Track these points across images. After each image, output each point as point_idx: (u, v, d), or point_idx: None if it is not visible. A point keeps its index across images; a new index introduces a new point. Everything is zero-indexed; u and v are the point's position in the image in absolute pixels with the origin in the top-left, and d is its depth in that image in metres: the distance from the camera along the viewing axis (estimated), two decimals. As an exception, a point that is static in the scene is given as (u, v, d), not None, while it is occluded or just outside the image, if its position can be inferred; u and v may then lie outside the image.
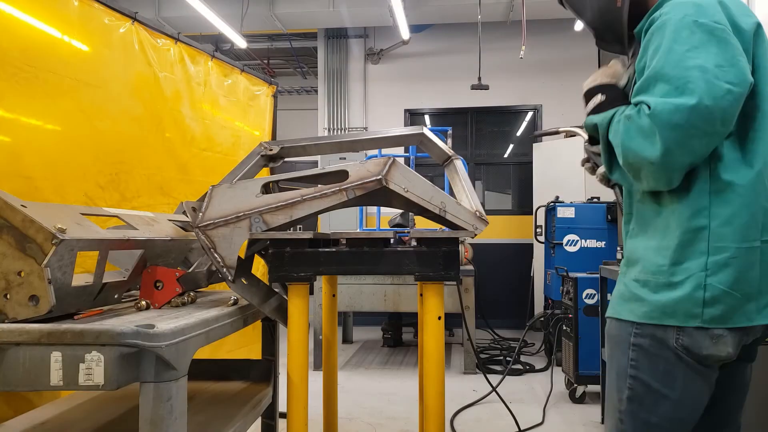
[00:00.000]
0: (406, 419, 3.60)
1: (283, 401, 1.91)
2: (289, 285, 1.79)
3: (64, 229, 1.40)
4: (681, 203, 1.24)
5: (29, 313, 1.39)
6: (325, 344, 2.40)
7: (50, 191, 2.28)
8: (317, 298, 4.79)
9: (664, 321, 1.23)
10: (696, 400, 1.26)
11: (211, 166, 3.33)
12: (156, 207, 2.87)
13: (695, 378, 1.24)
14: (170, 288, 1.78)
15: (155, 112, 2.97)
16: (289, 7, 6.59)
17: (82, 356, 1.26)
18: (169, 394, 1.33)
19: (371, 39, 7.64)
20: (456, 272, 1.74)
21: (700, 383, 1.25)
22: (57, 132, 2.37)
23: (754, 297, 1.20)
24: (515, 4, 6.20)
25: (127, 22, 2.77)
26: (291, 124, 9.13)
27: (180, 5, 6.11)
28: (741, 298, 1.19)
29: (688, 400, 1.25)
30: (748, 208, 1.20)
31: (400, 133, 2.27)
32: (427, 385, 1.75)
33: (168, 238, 1.89)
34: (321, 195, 1.77)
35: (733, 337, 1.21)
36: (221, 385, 2.34)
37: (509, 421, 3.29)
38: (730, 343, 1.21)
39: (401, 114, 7.55)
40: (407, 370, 4.97)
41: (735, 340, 1.22)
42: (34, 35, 2.28)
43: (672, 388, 1.25)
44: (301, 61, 9.64)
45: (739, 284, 1.19)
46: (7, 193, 1.43)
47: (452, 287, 4.34)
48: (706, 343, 1.21)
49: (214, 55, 3.46)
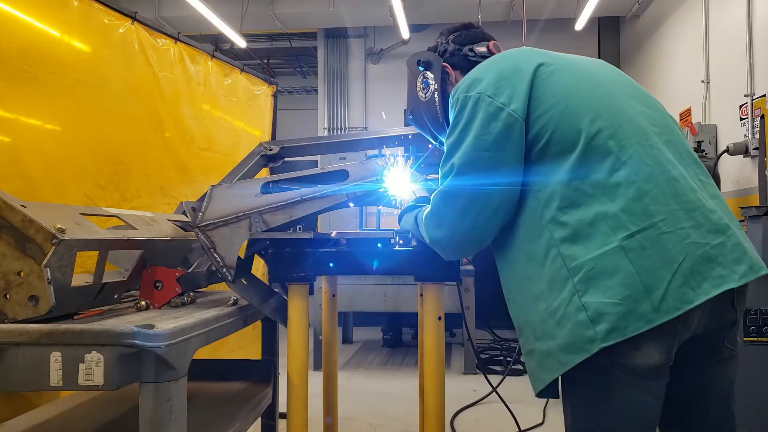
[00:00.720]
0: (406, 419, 3.60)
1: (283, 401, 1.91)
2: (289, 285, 1.79)
3: (63, 229, 1.40)
4: (523, 248, 1.28)
5: (29, 313, 1.38)
6: (325, 344, 2.39)
7: (50, 191, 2.28)
8: (317, 298, 4.78)
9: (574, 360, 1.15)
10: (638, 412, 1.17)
11: (211, 166, 3.33)
12: (156, 207, 2.87)
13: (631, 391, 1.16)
14: (170, 288, 1.78)
15: (155, 112, 2.97)
16: (289, 6, 6.59)
17: (81, 356, 1.26)
18: (169, 395, 1.33)
19: (371, 39, 7.64)
20: (456, 272, 1.74)
21: (638, 395, 1.16)
22: (57, 132, 2.36)
23: (639, 298, 1.11)
24: (515, 4, 6.20)
25: (126, 22, 2.77)
26: (291, 124, 9.13)
27: (180, 5, 6.11)
28: (621, 303, 1.11)
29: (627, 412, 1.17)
30: (583, 222, 1.17)
31: (400, 133, 2.27)
32: (427, 385, 1.75)
33: (168, 238, 1.89)
34: (321, 195, 1.77)
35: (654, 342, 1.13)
36: (221, 385, 2.34)
37: (509, 421, 3.28)
38: (655, 348, 1.13)
39: (401, 114, 7.55)
40: (407, 370, 4.97)
41: (660, 345, 1.14)
42: (34, 35, 2.27)
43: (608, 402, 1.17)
44: (301, 61, 9.65)
45: (609, 292, 1.12)
46: (6, 193, 1.42)
47: (452, 287, 4.34)
48: (627, 353, 1.14)
49: (214, 55, 3.46)
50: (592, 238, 1.16)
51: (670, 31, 6.07)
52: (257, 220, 1.76)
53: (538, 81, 1.28)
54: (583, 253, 1.16)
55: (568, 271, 1.17)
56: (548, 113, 1.25)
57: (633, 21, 7.14)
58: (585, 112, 1.24)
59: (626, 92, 1.33)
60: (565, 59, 1.38)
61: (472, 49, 1.58)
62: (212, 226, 1.75)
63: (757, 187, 3.89)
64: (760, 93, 4.26)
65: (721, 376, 1.30)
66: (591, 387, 1.19)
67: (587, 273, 1.15)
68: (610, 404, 1.18)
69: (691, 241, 1.14)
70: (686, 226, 1.15)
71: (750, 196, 4.30)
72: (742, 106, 4.44)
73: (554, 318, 1.19)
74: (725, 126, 4.77)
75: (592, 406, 1.20)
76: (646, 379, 1.15)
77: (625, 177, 1.18)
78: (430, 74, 1.60)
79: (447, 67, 1.60)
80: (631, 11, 6.84)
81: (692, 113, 5.38)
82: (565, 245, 1.19)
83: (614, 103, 1.27)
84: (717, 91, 4.99)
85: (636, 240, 1.14)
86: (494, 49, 1.58)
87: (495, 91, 1.28)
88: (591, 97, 1.27)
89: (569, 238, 1.19)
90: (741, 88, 4.41)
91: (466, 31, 1.63)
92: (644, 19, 6.84)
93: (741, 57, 4.47)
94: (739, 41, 4.51)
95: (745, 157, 4.35)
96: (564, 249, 1.19)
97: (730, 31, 4.75)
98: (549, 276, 1.21)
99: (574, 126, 1.23)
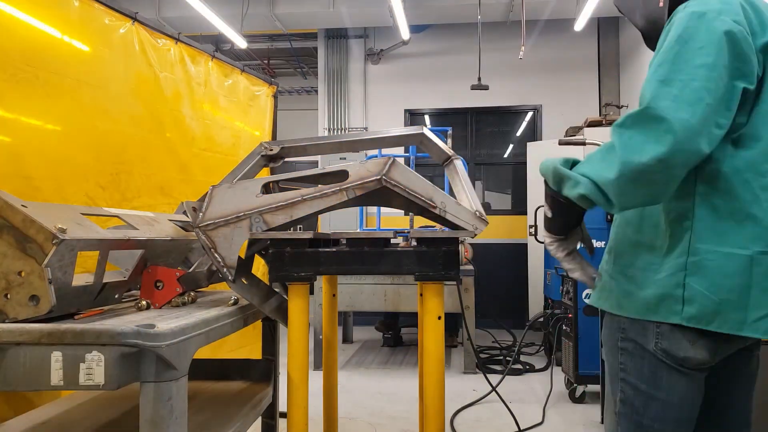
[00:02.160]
0: (406, 419, 3.60)
1: (283, 401, 1.91)
2: (289, 285, 1.79)
3: (64, 229, 1.41)
4: (669, 201, 1.24)
5: (29, 313, 1.39)
6: (325, 344, 2.40)
7: (50, 191, 2.28)
8: (317, 298, 4.79)
9: (649, 317, 1.25)
10: (685, 400, 1.26)
11: (212, 166, 3.33)
12: (156, 207, 2.87)
13: (680, 379, 1.25)
14: (170, 288, 1.79)
15: (155, 112, 2.97)
16: (289, 7, 6.59)
17: (82, 356, 1.26)
18: (170, 394, 1.33)
19: (371, 39, 7.64)
20: (456, 272, 1.74)
21: (686, 384, 1.26)
22: (57, 132, 2.37)
23: (737, 306, 1.16)
24: (515, 4, 6.20)
25: (127, 22, 2.77)
26: (291, 124, 9.13)
27: (180, 5, 6.11)
28: (718, 302, 1.17)
29: (676, 400, 1.26)
30: (733, 215, 1.18)
31: (400, 133, 2.27)
32: (427, 385, 1.75)
33: (168, 238, 1.89)
34: (321, 195, 1.77)
35: (709, 341, 1.21)
36: (221, 385, 2.35)
37: (509, 421, 3.29)
38: (707, 347, 1.21)
39: (401, 114, 7.55)
40: (407, 370, 4.97)
41: (713, 345, 1.22)
42: (34, 35, 2.28)
43: (658, 389, 1.26)
44: (301, 61, 9.65)
45: (714, 288, 1.18)
46: (7, 193, 1.43)
47: (452, 287, 4.35)
48: (683, 345, 1.22)
49: (215, 55, 3.46)
50: (731, 235, 1.18)
51: (670, 32, 6.06)
52: (257, 220, 1.76)
53: None
54: (713, 243, 1.19)
55: (689, 247, 1.20)
56: None
57: (633, 21, 7.14)
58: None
59: None
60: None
61: None
62: (213, 226, 1.75)
63: (756, 187, 3.88)
64: (760, 93, 4.25)
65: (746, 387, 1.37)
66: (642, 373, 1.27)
67: (707, 261, 1.18)
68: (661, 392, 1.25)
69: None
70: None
71: (750, 196, 4.29)
72: (741, 106, 4.43)
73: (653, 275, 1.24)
74: (725, 126, 4.76)
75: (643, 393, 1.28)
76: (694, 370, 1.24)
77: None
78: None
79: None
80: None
81: (692, 113, 5.37)
82: (703, 224, 1.20)
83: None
84: (717, 91, 4.97)
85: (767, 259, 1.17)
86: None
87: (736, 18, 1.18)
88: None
89: (710, 221, 1.20)
90: (741, 88, 4.40)
91: None
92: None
93: (741, 57, 4.46)
94: (739, 41, 4.51)
95: (744, 157, 4.34)
96: (700, 226, 1.20)
97: (729, 31, 4.74)
98: (671, 240, 1.23)
99: None
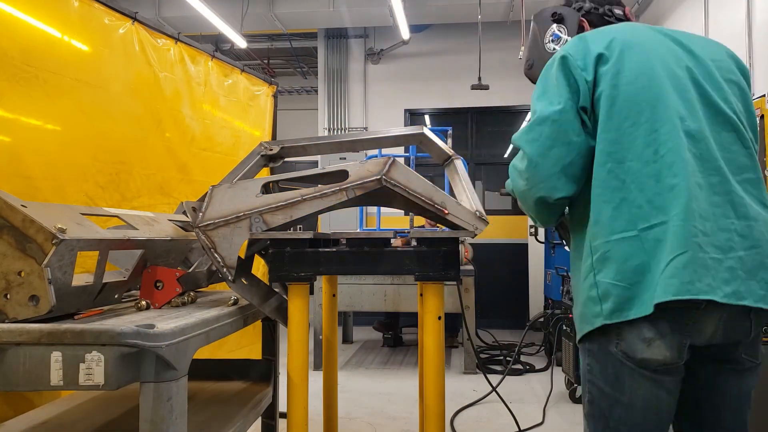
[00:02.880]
0: (406, 419, 3.60)
1: (283, 401, 1.91)
2: (289, 285, 1.79)
3: (64, 229, 1.40)
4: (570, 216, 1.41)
5: (29, 313, 1.39)
6: (325, 344, 2.40)
7: (50, 191, 2.28)
8: (317, 298, 4.79)
9: (585, 329, 1.29)
10: (649, 404, 1.24)
11: (211, 166, 3.33)
12: (156, 207, 2.87)
13: (643, 382, 1.23)
14: (170, 288, 1.78)
15: (155, 112, 2.97)
16: (289, 7, 6.59)
17: (82, 356, 1.26)
18: (169, 394, 1.33)
19: (371, 39, 7.64)
20: (456, 272, 1.74)
21: (650, 388, 1.23)
22: (57, 132, 2.37)
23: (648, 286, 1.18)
24: (515, 4, 6.20)
25: (127, 22, 2.77)
26: (291, 124, 9.13)
27: (180, 5, 6.11)
28: (628, 287, 1.20)
29: (639, 403, 1.24)
30: (610, 204, 1.25)
31: (400, 133, 2.27)
32: (427, 385, 1.75)
33: (168, 238, 1.89)
34: (321, 195, 1.77)
35: (667, 340, 1.19)
36: (221, 385, 2.35)
37: (509, 421, 3.29)
38: (667, 346, 1.19)
39: (401, 114, 7.55)
40: (407, 370, 4.97)
41: (672, 344, 1.20)
42: (34, 35, 2.28)
43: (622, 392, 1.26)
44: (301, 61, 9.64)
45: (619, 275, 1.21)
46: (7, 193, 1.43)
47: (452, 287, 4.34)
48: (639, 347, 1.21)
49: (214, 55, 3.46)
50: (616, 221, 1.24)
51: (670, 31, 6.06)
52: (257, 220, 1.76)
53: None
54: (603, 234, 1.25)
55: (590, 248, 1.28)
56: None
57: (633, 21, 7.14)
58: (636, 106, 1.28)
59: (683, 86, 1.31)
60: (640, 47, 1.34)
61: (612, 10, 1.57)
62: (212, 226, 1.75)
63: (757, 187, 3.89)
64: (760, 93, 4.25)
65: (737, 384, 1.32)
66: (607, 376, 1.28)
67: (604, 254, 1.24)
68: (624, 395, 1.25)
69: (707, 242, 1.17)
70: (706, 228, 1.18)
71: (750, 196, 4.29)
72: (742, 106, 4.44)
73: (579, 289, 1.33)
74: (725, 126, 4.77)
75: (608, 396, 1.28)
76: (658, 373, 1.22)
77: (656, 170, 1.22)
78: (563, 27, 1.58)
79: (584, 23, 1.58)
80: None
81: (692, 113, 5.38)
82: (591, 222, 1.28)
83: (662, 101, 1.27)
84: (717, 91, 4.98)
85: (654, 232, 1.19)
86: (630, 15, 1.58)
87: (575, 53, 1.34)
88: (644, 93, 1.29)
89: (595, 216, 1.28)
90: (741, 88, 4.41)
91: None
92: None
93: (741, 57, 4.46)
94: (739, 41, 4.51)
95: (745, 157, 4.34)
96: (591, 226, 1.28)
97: (729, 31, 4.75)
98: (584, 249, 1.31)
99: None
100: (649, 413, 1.25)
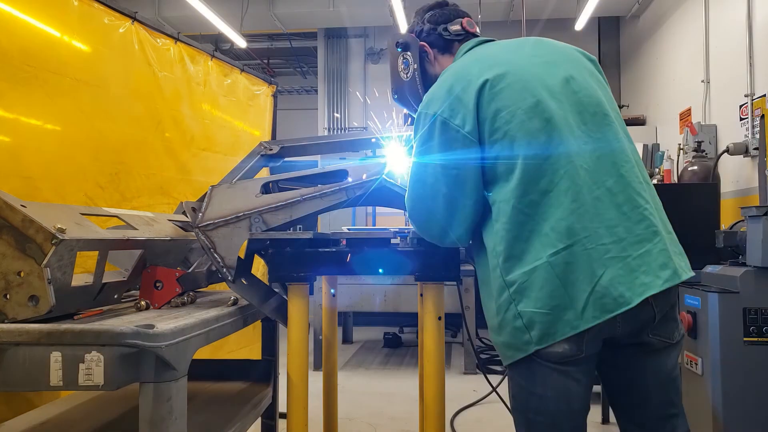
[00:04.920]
0: (406, 419, 3.60)
1: (283, 401, 1.91)
2: (289, 285, 1.79)
3: (63, 229, 1.40)
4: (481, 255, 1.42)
5: (29, 313, 1.38)
6: (325, 344, 2.39)
7: (50, 191, 2.28)
8: (317, 298, 4.78)
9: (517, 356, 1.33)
10: (560, 393, 1.32)
11: (211, 166, 3.33)
12: (156, 207, 2.87)
13: (551, 374, 1.31)
14: (170, 288, 1.78)
15: (155, 112, 2.97)
16: (289, 6, 6.59)
17: (81, 356, 1.26)
18: (169, 394, 1.33)
19: (371, 39, 7.64)
20: (456, 272, 1.74)
21: (558, 378, 1.31)
22: (57, 132, 2.36)
23: (566, 306, 1.26)
24: (515, 4, 6.20)
25: (126, 21, 2.77)
26: (291, 124, 9.13)
27: (180, 5, 6.11)
28: (550, 312, 1.26)
29: (551, 394, 1.32)
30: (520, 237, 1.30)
31: (399, 133, 2.26)
32: (427, 386, 1.75)
33: (168, 238, 1.89)
34: (321, 195, 1.77)
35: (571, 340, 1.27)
36: (221, 385, 2.34)
37: (510, 421, 3.27)
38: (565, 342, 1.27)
39: (401, 114, 7.54)
40: (407, 370, 4.97)
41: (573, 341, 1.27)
42: (34, 35, 2.27)
43: (534, 385, 1.33)
44: (301, 60, 9.65)
45: (539, 303, 1.27)
46: (6, 193, 1.42)
47: (452, 287, 4.34)
48: None
49: (214, 55, 3.46)
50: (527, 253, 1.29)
51: (670, 31, 6.06)
52: (257, 220, 1.76)
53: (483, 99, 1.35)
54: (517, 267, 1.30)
55: (504, 282, 1.32)
56: None
57: (633, 21, 7.14)
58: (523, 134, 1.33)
59: (567, 101, 1.36)
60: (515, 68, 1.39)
61: (447, 28, 1.62)
62: (212, 226, 1.75)
63: (757, 187, 3.89)
64: (760, 93, 4.25)
65: (655, 364, 1.40)
66: (522, 374, 1.36)
67: (521, 285, 1.29)
68: (536, 387, 1.34)
69: (611, 255, 1.26)
70: (606, 242, 1.26)
71: (750, 196, 4.30)
72: (742, 106, 4.44)
73: (498, 319, 1.35)
74: (725, 126, 4.77)
75: (524, 389, 1.37)
76: (562, 364, 1.30)
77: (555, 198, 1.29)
78: (409, 55, 1.65)
79: (425, 47, 1.64)
80: (631, 11, 6.84)
81: (692, 113, 5.38)
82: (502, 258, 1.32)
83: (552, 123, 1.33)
84: (717, 91, 4.98)
85: (562, 256, 1.26)
86: (468, 26, 1.62)
87: (450, 113, 1.37)
88: None
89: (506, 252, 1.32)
90: (741, 88, 4.41)
91: (440, 10, 1.66)
92: (644, 19, 6.84)
93: (741, 57, 4.47)
94: (739, 41, 4.51)
95: (745, 157, 4.34)
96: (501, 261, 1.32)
97: (730, 31, 4.74)
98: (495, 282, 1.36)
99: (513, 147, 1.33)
100: (561, 403, 1.33)
